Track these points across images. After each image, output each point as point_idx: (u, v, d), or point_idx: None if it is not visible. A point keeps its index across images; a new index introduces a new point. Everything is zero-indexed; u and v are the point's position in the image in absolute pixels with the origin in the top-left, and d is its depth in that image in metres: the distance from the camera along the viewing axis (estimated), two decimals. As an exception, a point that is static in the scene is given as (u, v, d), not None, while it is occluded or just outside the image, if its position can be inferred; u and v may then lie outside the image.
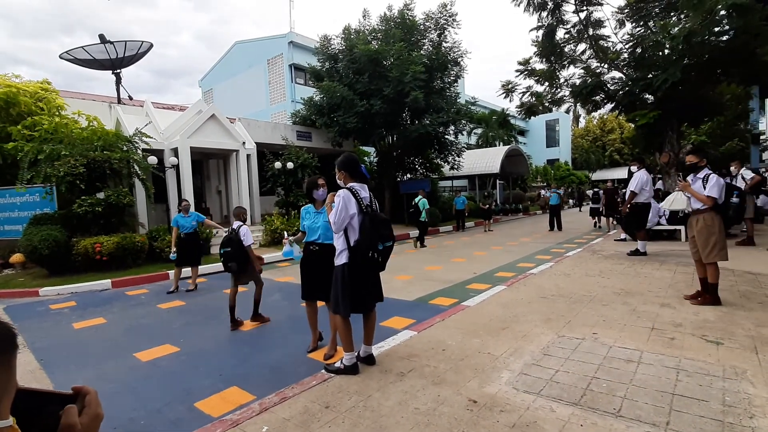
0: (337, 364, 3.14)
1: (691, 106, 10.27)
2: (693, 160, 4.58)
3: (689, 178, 4.59)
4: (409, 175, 19.64)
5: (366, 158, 21.95)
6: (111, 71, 15.24)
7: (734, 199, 7.08)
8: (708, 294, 4.46)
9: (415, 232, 14.62)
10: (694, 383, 2.73)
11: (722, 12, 8.40)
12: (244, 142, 13.08)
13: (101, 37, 14.43)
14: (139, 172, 10.25)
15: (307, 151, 14.74)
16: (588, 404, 2.51)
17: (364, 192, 3.11)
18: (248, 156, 13.57)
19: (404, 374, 3.03)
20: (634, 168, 7.95)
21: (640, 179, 7.63)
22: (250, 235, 5.06)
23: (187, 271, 7.46)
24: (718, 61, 9.38)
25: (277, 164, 12.87)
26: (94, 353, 4.34)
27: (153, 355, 4.14)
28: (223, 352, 4.14)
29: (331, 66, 16.82)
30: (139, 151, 10.52)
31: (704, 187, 4.39)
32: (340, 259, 3.11)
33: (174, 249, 7.16)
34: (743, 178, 8.04)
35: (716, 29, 9.33)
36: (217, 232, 11.32)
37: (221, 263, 5.10)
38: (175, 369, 3.78)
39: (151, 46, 15.38)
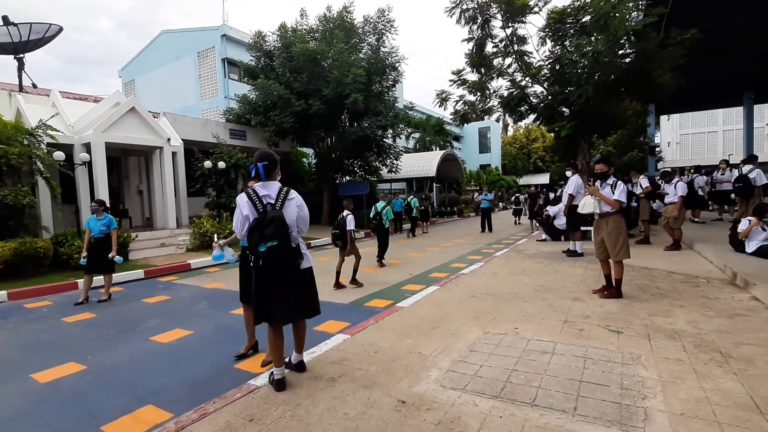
0: (270, 376, 2.99)
1: (601, 120, 11.46)
2: (602, 169, 5.08)
3: (597, 184, 5.10)
4: (348, 178, 19.60)
5: (304, 159, 21.55)
6: (13, 56, 13.34)
7: (634, 204, 7.99)
8: (612, 288, 4.99)
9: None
10: (598, 370, 3.02)
11: (624, 37, 9.47)
12: (169, 139, 12.15)
13: (4, 18, 12.59)
14: (42, 169, 9.08)
15: (242, 150, 14.08)
16: (507, 396, 2.66)
17: (265, 191, 2.89)
18: (174, 154, 12.62)
19: (335, 379, 3.00)
20: (568, 173, 8.53)
21: (576, 183, 8.14)
22: (353, 222, 6.66)
23: (100, 279, 6.74)
24: (622, 81, 10.54)
25: (207, 163, 12.14)
26: (-25, 378, 3.74)
27: (54, 375, 3.67)
28: (137, 368, 3.78)
29: (267, 63, 16.29)
30: (43, 146, 9.33)
31: (613, 193, 4.90)
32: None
33: (84, 253, 6.44)
34: (640, 185, 9.12)
35: (620, 52, 10.50)
36: (136, 236, 10.38)
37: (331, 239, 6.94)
38: (79, 390, 3.38)
39: (61, 29, 13.72)
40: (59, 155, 8.97)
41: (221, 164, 12.24)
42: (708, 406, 2.46)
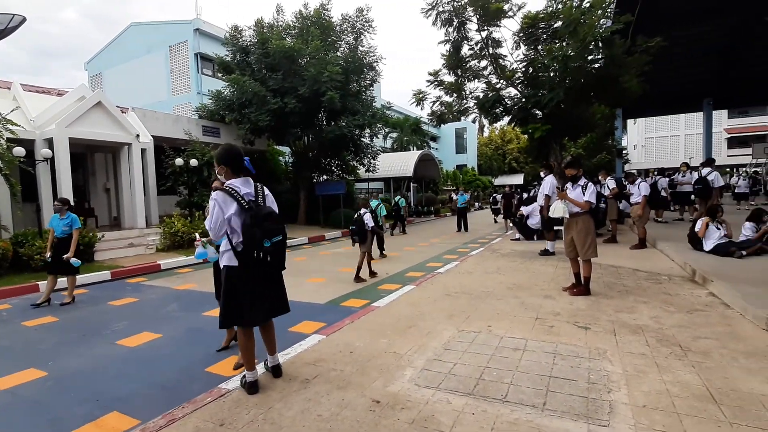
0: (242, 379, 2.92)
1: (571, 123, 11.83)
2: (572, 172, 5.25)
3: (568, 186, 5.26)
4: (325, 177, 19.45)
5: (281, 158, 21.24)
6: (-35, 45, 12.55)
7: (602, 205, 8.27)
8: (581, 286, 5.16)
9: (331, 234, 14.56)
10: (567, 365, 3.12)
11: (592, 43, 9.81)
12: (138, 135, 11.72)
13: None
14: (1, 166, 8.58)
15: (215, 148, 13.72)
16: (480, 393, 2.71)
17: (246, 187, 2.79)
18: (143, 150, 12.19)
19: (309, 381, 2.97)
20: (543, 173, 8.74)
21: (550, 183, 8.33)
22: (371, 220, 7.17)
23: (64, 281, 6.43)
24: (591, 85, 10.92)
25: (179, 161, 11.77)
26: None
27: (12, 382, 3.49)
28: (102, 374, 3.64)
29: (242, 59, 15.96)
30: (2, 141, 8.81)
31: (583, 194, 5.06)
32: (222, 261, 2.82)
33: (48, 253, 6.14)
34: (608, 186, 9.47)
35: (590, 57, 10.86)
36: (102, 236, 9.97)
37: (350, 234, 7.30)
38: (39, 397, 3.22)
39: (24, 19, 12.97)
40: (19, 151, 8.50)
41: (193, 162, 11.90)
42: (668, 398, 2.58)
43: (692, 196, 10.26)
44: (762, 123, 41.56)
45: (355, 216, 7.21)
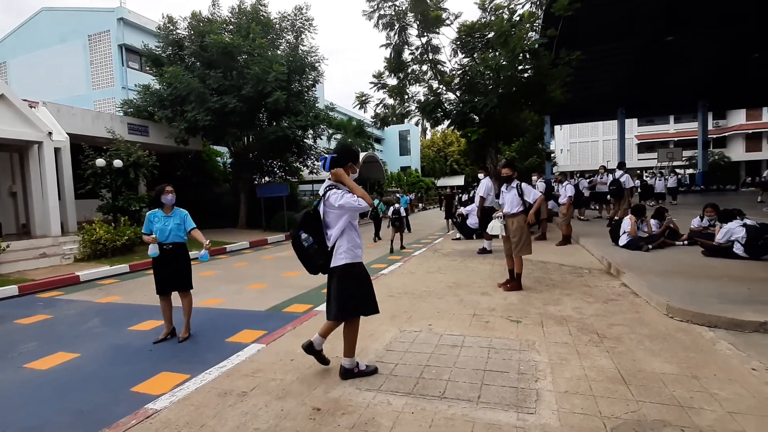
0: (355, 369, 3.04)
1: (505, 127, 12.58)
2: (507, 173, 5.57)
3: (503, 188, 5.57)
4: (267, 178, 18.83)
5: (219, 159, 20.22)
6: None
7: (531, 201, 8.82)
8: (514, 281, 5.49)
9: (274, 237, 14.12)
10: (500, 358, 3.31)
11: (521, 54, 10.51)
12: (50, 133, 10.52)
13: None
14: None
15: (143, 147, 12.74)
16: (419, 392, 2.79)
17: (325, 185, 2.99)
18: (57, 150, 10.98)
19: (246, 393, 2.86)
20: (480, 176, 9.15)
21: (486, 185, 8.73)
22: (403, 211, 10.28)
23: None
24: (521, 93, 11.68)
25: (100, 161, 10.74)
26: None
27: None
28: (8, 401, 3.22)
29: (175, 52, 14.98)
30: None
31: (518, 195, 5.38)
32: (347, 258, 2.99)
33: None
34: (538, 188, 10.19)
35: (520, 67, 11.61)
36: (8, 246, 8.84)
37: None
38: None
39: None
40: None
41: (117, 162, 10.92)
42: (586, 383, 2.84)
43: (608, 196, 11.37)
44: (665, 131, 47.16)
45: (392, 209, 10.93)
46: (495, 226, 5.45)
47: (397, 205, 10.91)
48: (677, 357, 3.21)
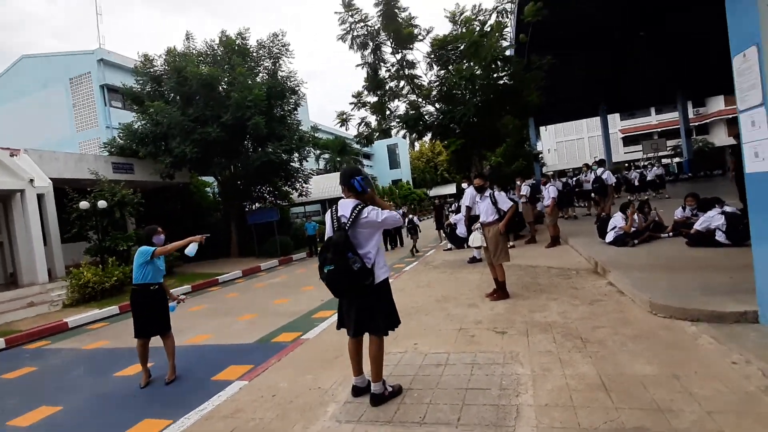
0: (385, 392, 2.99)
1: (485, 134, 12.73)
2: (479, 183, 5.63)
3: (477, 198, 5.61)
4: (258, 204, 18.82)
5: (207, 189, 20.22)
6: None
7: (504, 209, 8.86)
8: (500, 290, 5.47)
9: (267, 264, 14.00)
10: (483, 374, 3.27)
11: (492, 62, 10.72)
12: (32, 180, 10.52)
13: None
14: None
15: (129, 185, 12.74)
16: (399, 419, 2.74)
17: (344, 209, 2.93)
18: (40, 196, 10.95)
19: (224, 436, 2.81)
20: (464, 185, 9.19)
21: (470, 194, 8.74)
22: (417, 219, 12.08)
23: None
24: (498, 99, 11.87)
25: (84, 204, 10.70)
26: None
27: None
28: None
29: (154, 89, 15.11)
30: None
31: (492, 203, 5.41)
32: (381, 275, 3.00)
33: None
34: (523, 191, 10.25)
35: (495, 75, 11.82)
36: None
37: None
38: None
39: None
40: None
41: (102, 203, 10.88)
42: (567, 393, 2.81)
43: (592, 194, 11.46)
44: (647, 122, 47.83)
45: (407, 223, 12.92)
46: (476, 238, 5.48)
47: (411, 216, 13.47)
48: (659, 356, 3.19)
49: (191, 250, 4.33)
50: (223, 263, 14.91)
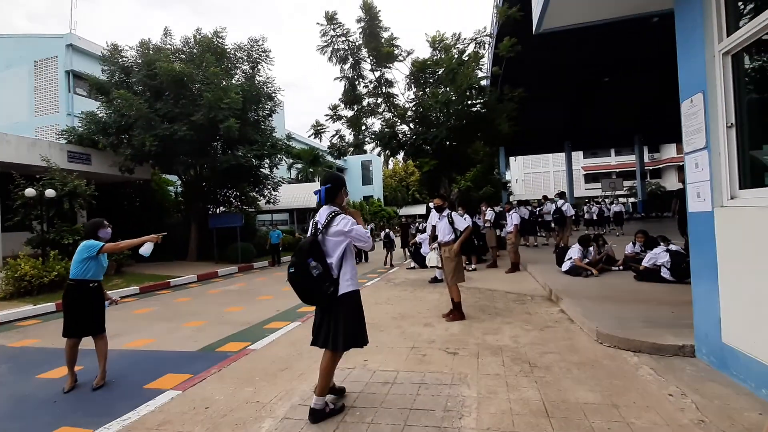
0: (326, 408, 2.87)
1: (457, 158, 13.04)
2: (438, 203, 5.74)
3: (436, 218, 5.69)
4: (222, 208, 18.24)
5: (170, 188, 19.44)
6: None
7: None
8: (455, 311, 5.48)
9: (225, 270, 13.46)
10: (429, 394, 3.20)
11: (468, 90, 11.09)
12: (-27, 161, 9.74)
13: None
14: None
15: (84, 176, 12.04)
16: (337, 437, 2.62)
17: (321, 215, 2.96)
18: (-19, 179, 10.14)
19: (145, 449, 2.58)
20: (431, 205, 9.25)
21: (435, 214, 8.84)
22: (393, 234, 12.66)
23: None
24: (471, 126, 12.23)
25: (29, 191, 9.98)
26: None
27: None
28: None
29: (121, 79, 14.52)
30: None
31: (449, 223, 5.48)
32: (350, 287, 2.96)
33: None
34: (488, 216, 10.47)
35: (469, 102, 12.20)
36: None
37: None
38: None
39: None
40: None
41: (50, 192, 10.18)
42: (510, 417, 2.78)
43: (552, 224, 11.90)
44: (608, 162, 50.76)
45: (383, 233, 13.71)
46: (432, 258, 5.50)
47: (387, 230, 13.86)
48: (601, 384, 3.24)
49: (146, 249, 4.08)
50: (179, 266, 14.23)
